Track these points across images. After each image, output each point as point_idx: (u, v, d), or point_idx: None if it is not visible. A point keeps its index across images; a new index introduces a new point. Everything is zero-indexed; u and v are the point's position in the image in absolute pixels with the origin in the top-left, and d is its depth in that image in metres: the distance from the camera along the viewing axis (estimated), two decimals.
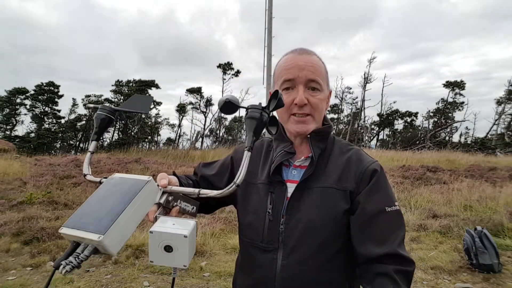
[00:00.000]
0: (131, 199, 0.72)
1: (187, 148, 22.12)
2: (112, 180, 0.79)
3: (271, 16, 11.84)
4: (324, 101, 0.99)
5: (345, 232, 0.93)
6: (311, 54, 0.99)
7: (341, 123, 37.47)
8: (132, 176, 0.80)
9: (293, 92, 0.96)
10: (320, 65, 0.98)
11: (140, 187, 0.75)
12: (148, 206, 0.78)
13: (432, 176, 9.36)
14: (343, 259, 0.95)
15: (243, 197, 1.04)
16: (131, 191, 0.74)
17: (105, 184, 0.78)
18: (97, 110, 0.94)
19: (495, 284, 3.50)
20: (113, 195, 0.74)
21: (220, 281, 3.46)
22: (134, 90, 32.60)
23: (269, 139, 1.13)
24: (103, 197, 0.74)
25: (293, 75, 0.95)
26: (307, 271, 0.91)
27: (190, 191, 0.84)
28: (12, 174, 8.70)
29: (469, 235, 3.94)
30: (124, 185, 0.76)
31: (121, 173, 0.82)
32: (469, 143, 29.84)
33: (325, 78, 1.00)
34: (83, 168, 0.90)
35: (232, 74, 34.03)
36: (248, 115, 0.79)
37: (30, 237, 4.45)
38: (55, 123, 33.22)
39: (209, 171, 1.14)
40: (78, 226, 0.68)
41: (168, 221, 0.76)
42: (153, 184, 0.79)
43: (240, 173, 0.77)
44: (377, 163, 0.98)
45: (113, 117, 0.94)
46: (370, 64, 32.90)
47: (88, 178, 0.89)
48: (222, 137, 34.00)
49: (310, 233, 0.92)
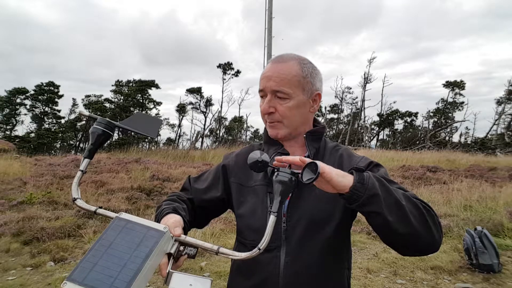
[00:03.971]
0: (148, 255, 0.65)
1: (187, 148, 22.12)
2: (120, 223, 0.71)
3: (271, 16, 11.85)
4: (296, 108, 1.00)
5: (346, 223, 0.99)
6: (285, 61, 1.00)
7: (341, 123, 37.49)
8: (143, 221, 0.72)
9: (265, 100, 1.02)
10: (290, 72, 0.99)
11: (157, 239, 0.68)
12: (160, 257, 0.70)
13: (432, 176, 9.36)
14: (344, 248, 1.01)
15: (239, 200, 1.06)
16: (146, 244, 0.67)
17: (113, 230, 0.69)
18: (94, 123, 0.85)
19: (495, 284, 3.50)
20: (125, 247, 0.66)
21: (220, 281, 3.46)
22: (134, 90, 32.61)
23: (257, 144, 1.18)
24: (113, 248, 0.65)
25: (263, 86, 1.01)
26: (310, 265, 0.94)
27: (208, 247, 0.77)
28: (12, 174, 8.70)
29: (469, 235, 3.94)
30: (137, 234, 0.68)
31: (127, 214, 0.73)
32: (469, 143, 29.87)
33: (298, 84, 0.99)
34: (71, 190, 0.80)
35: (232, 74, 34.04)
36: (277, 178, 0.77)
37: (30, 237, 4.45)
38: (55, 123, 33.22)
39: (201, 185, 1.14)
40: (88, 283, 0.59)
41: (184, 280, 0.69)
42: (168, 234, 0.72)
43: (266, 237, 0.74)
44: (365, 156, 1.05)
45: (111, 133, 0.85)
46: (370, 64, 32.94)
47: (78, 204, 0.79)
48: (222, 137, 33.97)
49: (312, 229, 0.96)
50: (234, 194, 1.08)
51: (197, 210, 1.09)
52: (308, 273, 0.94)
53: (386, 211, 0.78)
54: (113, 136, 0.87)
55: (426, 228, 0.81)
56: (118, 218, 0.72)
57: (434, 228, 0.83)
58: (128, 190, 7.29)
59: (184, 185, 1.17)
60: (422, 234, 0.81)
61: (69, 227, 4.82)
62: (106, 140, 0.85)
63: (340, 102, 36.17)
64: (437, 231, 0.83)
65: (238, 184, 1.08)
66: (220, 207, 1.14)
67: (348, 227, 1.03)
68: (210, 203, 1.11)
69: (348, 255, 1.04)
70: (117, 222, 0.71)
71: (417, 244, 0.82)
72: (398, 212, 0.79)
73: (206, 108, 34.29)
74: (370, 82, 32.54)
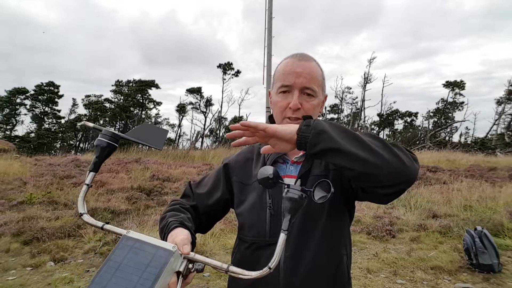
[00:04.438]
0: (157, 276, 0.64)
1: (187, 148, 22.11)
2: (128, 243, 0.70)
3: (271, 16, 11.84)
4: (318, 106, 1.03)
5: (343, 215, 1.02)
6: (309, 60, 1.03)
7: (341, 123, 37.48)
8: (151, 240, 0.71)
9: (289, 95, 1.00)
10: (317, 72, 1.02)
11: (166, 259, 0.67)
12: (169, 277, 0.69)
13: (432, 176, 9.36)
14: (343, 239, 1.02)
15: (241, 199, 1.07)
16: (155, 265, 0.66)
17: (121, 249, 0.69)
18: (99, 136, 0.83)
19: (495, 284, 3.50)
20: (134, 268, 0.65)
21: (220, 281, 3.46)
22: (134, 90, 32.60)
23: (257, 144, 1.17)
24: (121, 270, 0.65)
25: (290, 82, 0.99)
26: (309, 259, 0.95)
27: (217, 265, 0.75)
28: (12, 174, 8.70)
29: (469, 235, 3.94)
30: (146, 254, 0.68)
31: (135, 232, 0.72)
32: (469, 143, 29.85)
33: (321, 84, 1.03)
34: (77, 206, 0.79)
35: (232, 74, 34.05)
36: (287, 195, 0.76)
37: (30, 237, 4.45)
38: (55, 123, 33.25)
39: (203, 189, 1.14)
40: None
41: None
42: (177, 253, 0.72)
43: (276, 256, 0.73)
44: None
45: (116, 145, 0.84)
46: (370, 64, 32.96)
47: (85, 219, 0.78)
48: (222, 137, 33.97)
49: (309, 223, 0.97)
50: (236, 193, 1.09)
51: (202, 217, 1.09)
52: (307, 266, 0.95)
53: (342, 143, 0.75)
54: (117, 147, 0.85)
55: (393, 155, 0.77)
56: (126, 237, 0.71)
57: (403, 154, 0.79)
58: (128, 190, 7.29)
59: (185, 192, 1.16)
60: (391, 160, 0.76)
61: (69, 227, 4.82)
62: (111, 152, 0.84)
63: (340, 102, 36.21)
64: (408, 157, 0.80)
65: (240, 183, 1.09)
66: (224, 209, 1.15)
67: (346, 218, 1.04)
68: (214, 206, 1.11)
69: (347, 248, 1.04)
70: (125, 242, 0.70)
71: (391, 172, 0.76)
72: (356, 142, 0.77)
73: (206, 108, 34.32)
74: (370, 82, 32.59)
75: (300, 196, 0.75)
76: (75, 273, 3.63)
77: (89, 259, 4.01)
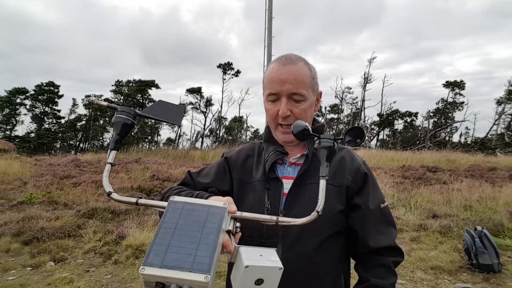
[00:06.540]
0: (218, 229, 0.64)
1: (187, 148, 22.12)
2: (177, 206, 0.69)
3: (271, 16, 11.84)
4: (309, 109, 1.02)
5: (340, 225, 1.01)
6: (295, 63, 1.00)
7: (341, 123, 37.47)
8: (199, 201, 0.71)
9: (277, 103, 1.00)
10: (304, 74, 0.99)
11: (221, 215, 0.68)
12: (223, 235, 0.69)
13: (432, 176, 9.36)
14: (338, 250, 1.02)
15: (239, 196, 1.07)
16: (213, 220, 0.66)
17: (172, 213, 0.67)
18: (116, 113, 0.81)
19: (495, 284, 3.50)
20: (193, 226, 0.65)
21: (220, 281, 3.45)
22: (134, 90, 32.62)
23: (259, 142, 1.18)
24: (180, 229, 0.64)
25: (276, 90, 0.99)
26: (306, 262, 0.96)
27: (266, 218, 0.76)
28: (12, 174, 8.70)
29: (469, 235, 3.94)
30: (199, 213, 0.68)
31: (180, 197, 0.72)
32: (469, 143, 29.87)
33: (310, 85, 1.02)
34: (103, 184, 0.76)
35: (232, 74, 34.05)
36: (321, 144, 0.80)
37: (30, 237, 4.45)
38: (55, 123, 33.26)
39: (205, 179, 1.11)
40: (170, 265, 0.57)
41: (253, 252, 0.68)
42: (227, 211, 0.72)
43: (321, 201, 0.76)
44: (365, 162, 1.09)
45: (134, 122, 0.81)
46: (370, 64, 32.96)
47: (114, 197, 0.75)
48: (222, 137, 33.98)
49: (308, 227, 0.95)
50: (235, 191, 1.08)
51: None
52: (304, 269, 0.95)
53: None
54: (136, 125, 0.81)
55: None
56: (173, 202, 0.70)
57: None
58: (128, 190, 7.29)
59: (185, 180, 1.13)
60: None
61: (69, 227, 4.82)
62: (130, 129, 0.81)
63: (340, 102, 36.20)
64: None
65: (240, 181, 1.09)
66: None
67: (342, 229, 1.02)
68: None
69: (346, 254, 1.05)
70: (173, 205, 0.69)
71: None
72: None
73: (206, 108, 34.32)
74: (370, 82, 32.59)
75: (333, 144, 0.80)
76: (75, 273, 3.63)
77: (89, 259, 4.02)
